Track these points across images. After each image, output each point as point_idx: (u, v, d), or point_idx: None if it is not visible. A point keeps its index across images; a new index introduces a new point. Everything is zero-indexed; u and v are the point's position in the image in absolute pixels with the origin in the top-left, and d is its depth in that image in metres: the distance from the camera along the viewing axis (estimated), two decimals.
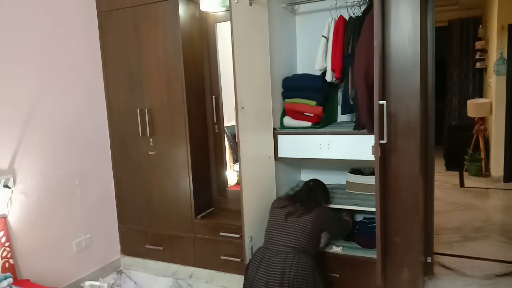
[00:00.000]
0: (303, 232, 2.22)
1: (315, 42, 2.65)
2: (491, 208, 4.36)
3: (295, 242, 2.20)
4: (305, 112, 2.62)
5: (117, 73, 3.06)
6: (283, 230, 2.26)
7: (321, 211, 2.32)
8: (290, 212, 2.30)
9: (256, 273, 2.17)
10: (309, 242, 2.23)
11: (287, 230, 2.25)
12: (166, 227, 3.08)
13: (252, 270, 2.21)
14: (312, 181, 2.56)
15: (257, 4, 2.42)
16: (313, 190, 2.48)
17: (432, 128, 2.73)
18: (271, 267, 2.14)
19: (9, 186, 2.47)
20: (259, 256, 2.23)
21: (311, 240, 2.24)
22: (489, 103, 5.42)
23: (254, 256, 2.27)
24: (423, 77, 2.33)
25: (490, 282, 2.80)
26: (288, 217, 2.28)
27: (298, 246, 2.20)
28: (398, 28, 2.19)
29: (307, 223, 2.24)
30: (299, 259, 2.14)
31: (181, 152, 2.91)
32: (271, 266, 2.15)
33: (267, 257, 2.19)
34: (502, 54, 5.03)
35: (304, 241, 2.21)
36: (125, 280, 3.14)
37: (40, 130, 2.69)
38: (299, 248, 2.19)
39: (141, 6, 2.87)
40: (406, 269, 2.35)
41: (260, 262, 2.19)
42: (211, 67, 3.06)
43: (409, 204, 2.29)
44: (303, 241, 2.21)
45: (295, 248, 2.19)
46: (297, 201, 2.38)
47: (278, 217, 2.32)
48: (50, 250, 2.76)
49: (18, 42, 2.55)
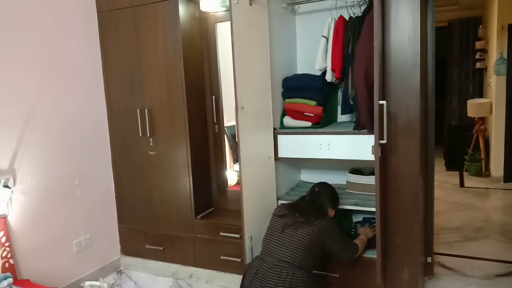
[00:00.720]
0: (299, 247, 2.10)
1: (315, 42, 2.65)
2: (491, 208, 4.36)
3: (290, 257, 2.10)
4: (305, 112, 2.62)
5: (117, 73, 3.06)
6: (279, 242, 2.16)
7: (321, 224, 2.15)
8: (287, 223, 2.18)
9: (251, 285, 2.14)
10: (306, 257, 2.11)
11: (283, 243, 2.14)
12: (166, 227, 3.08)
13: (248, 281, 2.18)
14: (318, 186, 2.37)
15: (257, 4, 2.42)
16: (318, 197, 2.30)
17: (432, 128, 2.73)
18: (266, 281, 2.08)
19: (9, 186, 2.47)
20: (255, 267, 2.18)
21: (308, 255, 2.12)
22: (489, 103, 5.42)
23: (250, 267, 2.23)
24: (423, 77, 2.33)
25: (490, 282, 2.80)
26: (285, 229, 2.16)
27: (293, 261, 2.09)
28: (398, 28, 2.19)
29: (305, 237, 2.11)
30: (293, 275, 2.05)
31: (181, 152, 2.91)
32: (265, 279, 2.09)
33: (263, 269, 2.13)
34: (502, 54, 5.02)
35: (300, 256, 2.10)
36: (125, 280, 3.14)
37: (40, 130, 2.69)
38: (294, 264, 2.09)
39: (141, 6, 2.87)
40: (406, 269, 2.35)
41: (256, 274, 2.14)
42: (211, 67, 3.06)
43: (409, 204, 2.29)
44: (299, 256, 2.09)
45: (290, 264, 2.09)
46: (297, 211, 2.23)
47: (275, 228, 2.22)
48: (50, 250, 2.76)
49: (18, 42, 2.55)
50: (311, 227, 2.14)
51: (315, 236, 2.13)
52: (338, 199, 2.40)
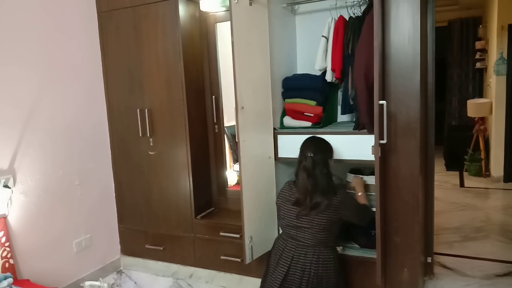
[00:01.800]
0: (319, 229, 2.15)
1: (315, 42, 2.65)
2: (491, 208, 4.36)
3: (312, 239, 2.16)
4: (305, 112, 2.62)
5: (117, 73, 3.06)
6: (299, 228, 2.19)
7: (336, 202, 2.15)
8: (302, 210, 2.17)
9: (277, 266, 2.20)
10: (327, 236, 2.18)
11: (303, 228, 2.18)
12: (166, 227, 3.08)
13: (274, 262, 2.24)
14: (309, 149, 2.21)
15: (257, 4, 2.42)
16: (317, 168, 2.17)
17: (432, 128, 2.73)
18: (292, 262, 2.16)
19: (9, 186, 2.47)
20: (280, 248, 2.25)
21: (329, 234, 2.18)
22: (489, 103, 5.42)
23: (274, 248, 2.30)
24: (423, 77, 2.33)
25: (490, 282, 2.80)
26: (301, 216, 2.18)
27: (316, 243, 2.16)
28: (398, 28, 2.19)
29: (322, 220, 2.15)
30: (319, 254, 2.14)
31: (181, 152, 2.91)
32: (292, 260, 2.16)
33: (287, 250, 2.20)
34: (502, 54, 5.02)
35: (322, 236, 2.16)
36: (125, 280, 3.14)
37: (40, 130, 2.69)
38: (318, 244, 2.16)
39: (141, 6, 2.87)
40: (406, 269, 2.35)
41: (281, 255, 2.21)
42: (211, 67, 3.06)
43: (409, 204, 2.29)
44: (320, 236, 2.16)
45: (313, 245, 2.16)
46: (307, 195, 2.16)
47: (290, 216, 2.22)
48: (50, 250, 2.76)
49: (18, 42, 2.55)
50: (327, 210, 2.15)
51: (332, 215, 2.16)
52: (332, 149, 2.31)
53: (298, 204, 2.20)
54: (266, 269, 2.33)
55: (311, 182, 2.17)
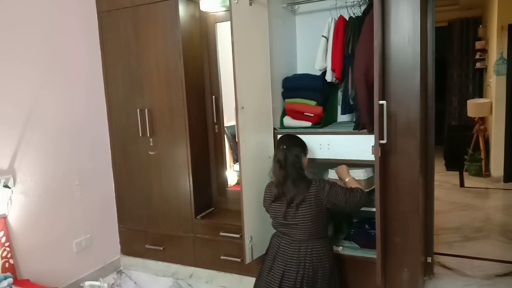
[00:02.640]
0: (306, 223, 2.16)
1: (315, 42, 2.65)
2: (491, 208, 4.36)
3: (302, 234, 2.17)
4: (305, 112, 2.62)
5: (117, 73, 3.06)
6: (287, 226, 2.21)
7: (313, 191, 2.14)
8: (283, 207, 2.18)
9: (273, 262, 2.22)
10: (316, 227, 2.17)
11: (290, 225, 2.20)
12: (166, 227, 3.08)
13: (270, 259, 2.26)
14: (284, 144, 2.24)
15: (257, 4, 2.42)
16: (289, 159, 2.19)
17: (432, 128, 2.73)
18: (287, 257, 2.18)
19: (9, 186, 2.47)
20: (275, 245, 2.26)
21: (318, 224, 2.17)
22: (489, 103, 5.42)
23: (270, 245, 2.31)
24: (423, 77, 2.33)
25: (490, 282, 2.80)
26: (286, 215, 2.20)
27: (307, 236, 2.17)
28: (398, 28, 2.19)
29: (306, 213, 2.15)
30: (312, 247, 2.16)
31: (181, 152, 2.91)
32: (287, 256, 2.19)
33: (283, 246, 2.22)
34: (502, 54, 5.03)
35: (311, 229, 2.17)
36: (125, 280, 3.15)
37: (40, 130, 2.69)
38: (309, 237, 2.17)
39: (141, 6, 2.87)
40: (406, 269, 2.35)
41: (277, 252, 2.23)
42: (211, 67, 3.06)
43: (409, 204, 2.29)
44: (310, 229, 2.16)
45: (305, 239, 2.17)
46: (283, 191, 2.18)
47: (278, 215, 2.24)
48: (50, 250, 2.76)
49: (18, 42, 2.55)
50: (306, 201, 2.14)
51: (315, 205, 2.15)
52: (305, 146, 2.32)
53: (277, 199, 2.22)
54: (262, 265, 2.33)
55: (282, 174, 2.19)
